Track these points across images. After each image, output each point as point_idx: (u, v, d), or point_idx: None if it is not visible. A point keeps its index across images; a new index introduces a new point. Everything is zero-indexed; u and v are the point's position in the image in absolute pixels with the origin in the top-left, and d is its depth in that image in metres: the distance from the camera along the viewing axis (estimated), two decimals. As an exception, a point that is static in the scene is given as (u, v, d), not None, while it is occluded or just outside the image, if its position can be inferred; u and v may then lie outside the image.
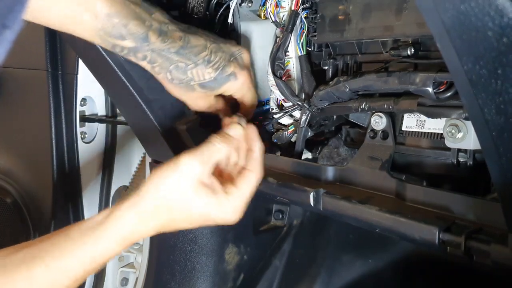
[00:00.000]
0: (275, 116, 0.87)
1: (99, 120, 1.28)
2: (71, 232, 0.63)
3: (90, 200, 1.33)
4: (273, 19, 0.84)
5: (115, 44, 0.71)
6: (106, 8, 0.68)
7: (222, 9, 0.89)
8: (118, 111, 1.29)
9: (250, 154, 0.70)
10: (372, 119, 0.72)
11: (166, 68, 0.74)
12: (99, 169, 1.33)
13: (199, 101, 0.80)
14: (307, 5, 0.80)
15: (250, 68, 0.82)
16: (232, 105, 0.84)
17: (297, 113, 0.84)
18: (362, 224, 0.65)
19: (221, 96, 0.81)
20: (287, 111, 0.85)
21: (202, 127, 0.87)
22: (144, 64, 0.75)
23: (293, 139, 0.86)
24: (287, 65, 0.84)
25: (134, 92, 0.85)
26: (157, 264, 1.10)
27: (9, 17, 0.35)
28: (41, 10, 0.66)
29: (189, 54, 0.75)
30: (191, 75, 0.75)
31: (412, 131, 0.70)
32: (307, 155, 0.89)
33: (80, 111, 1.25)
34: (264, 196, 0.88)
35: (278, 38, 0.85)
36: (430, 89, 0.59)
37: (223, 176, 0.69)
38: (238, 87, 0.79)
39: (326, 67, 0.79)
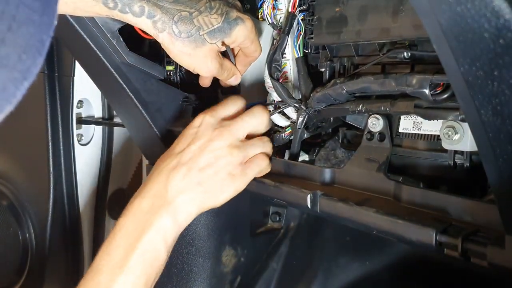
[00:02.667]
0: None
1: (96, 122, 1.28)
2: None
3: (86, 202, 1.33)
4: (270, 21, 0.84)
5: None
6: None
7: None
8: (114, 113, 1.29)
9: None
10: (369, 121, 0.72)
11: (170, 20, 0.72)
12: (95, 171, 1.33)
13: (209, 62, 0.77)
14: (304, 7, 0.80)
15: None
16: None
17: (293, 115, 0.84)
18: (359, 226, 0.65)
19: (227, 57, 0.81)
20: (280, 109, 0.85)
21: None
22: (144, 21, 0.72)
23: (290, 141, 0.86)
24: (284, 67, 0.84)
25: (131, 94, 0.85)
26: (154, 266, 1.10)
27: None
28: None
29: (189, 3, 0.73)
30: (198, 24, 0.73)
31: (409, 133, 0.70)
32: (304, 157, 0.89)
33: (76, 113, 1.25)
34: (261, 198, 0.88)
35: (275, 40, 0.85)
36: (426, 91, 0.59)
37: None
38: (248, 32, 0.77)
39: (323, 69, 0.79)
